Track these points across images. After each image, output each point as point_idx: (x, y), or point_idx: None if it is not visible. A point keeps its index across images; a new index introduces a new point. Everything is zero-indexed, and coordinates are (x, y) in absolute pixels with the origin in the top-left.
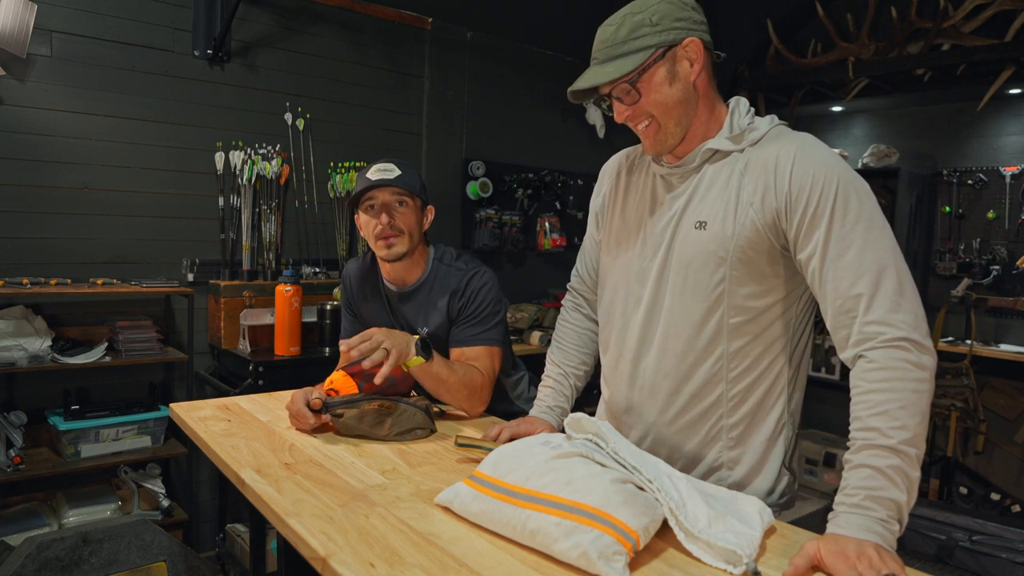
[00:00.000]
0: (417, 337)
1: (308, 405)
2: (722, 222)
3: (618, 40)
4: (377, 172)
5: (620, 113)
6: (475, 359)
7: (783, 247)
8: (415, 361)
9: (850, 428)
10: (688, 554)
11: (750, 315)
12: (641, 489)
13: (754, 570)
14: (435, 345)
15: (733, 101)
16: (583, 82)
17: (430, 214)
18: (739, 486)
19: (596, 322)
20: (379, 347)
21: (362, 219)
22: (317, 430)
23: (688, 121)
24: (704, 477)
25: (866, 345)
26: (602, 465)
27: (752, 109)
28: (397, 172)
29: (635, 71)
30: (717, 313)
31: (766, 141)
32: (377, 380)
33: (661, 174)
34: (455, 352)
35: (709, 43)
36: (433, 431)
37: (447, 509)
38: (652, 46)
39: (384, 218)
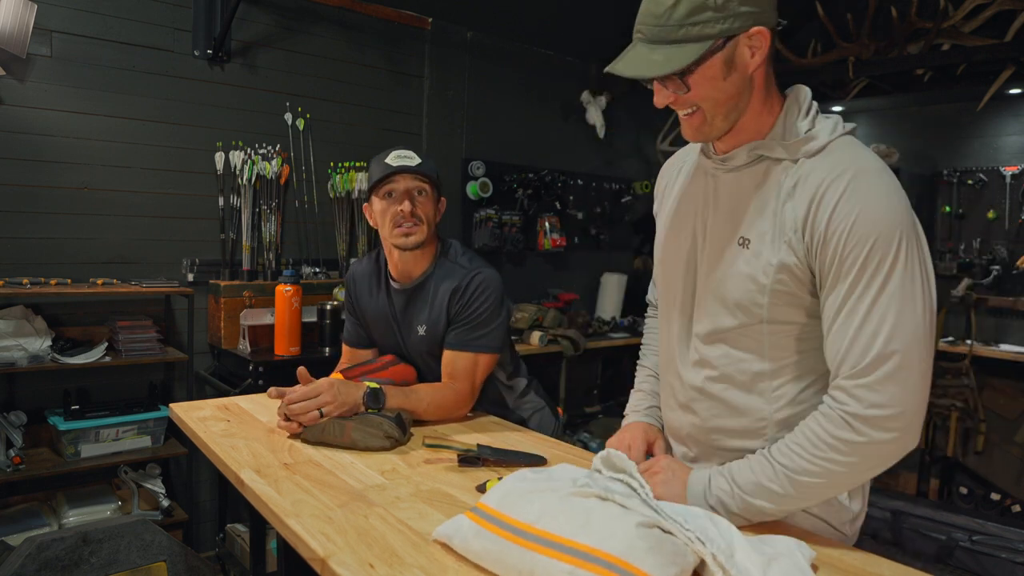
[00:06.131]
0: (366, 388)
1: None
2: (767, 243)
3: (673, 21)
4: (397, 158)
5: (662, 98)
6: (461, 369)
7: (812, 281)
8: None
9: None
10: None
11: (789, 333)
12: (668, 533)
13: None
14: (434, 342)
15: (791, 95)
16: (625, 69)
17: (443, 206)
18: None
19: None
20: (316, 408)
21: (376, 206)
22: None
23: (738, 115)
24: None
25: (829, 400)
26: (623, 507)
27: (815, 106)
28: (417, 160)
29: (689, 65)
30: (752, 324)
31: (825, 154)
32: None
33: (709, 170)
34: (445, 355)
35: (775, 25)
36: (400, 441)
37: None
38: (712, 36)
39: (407, 205)
